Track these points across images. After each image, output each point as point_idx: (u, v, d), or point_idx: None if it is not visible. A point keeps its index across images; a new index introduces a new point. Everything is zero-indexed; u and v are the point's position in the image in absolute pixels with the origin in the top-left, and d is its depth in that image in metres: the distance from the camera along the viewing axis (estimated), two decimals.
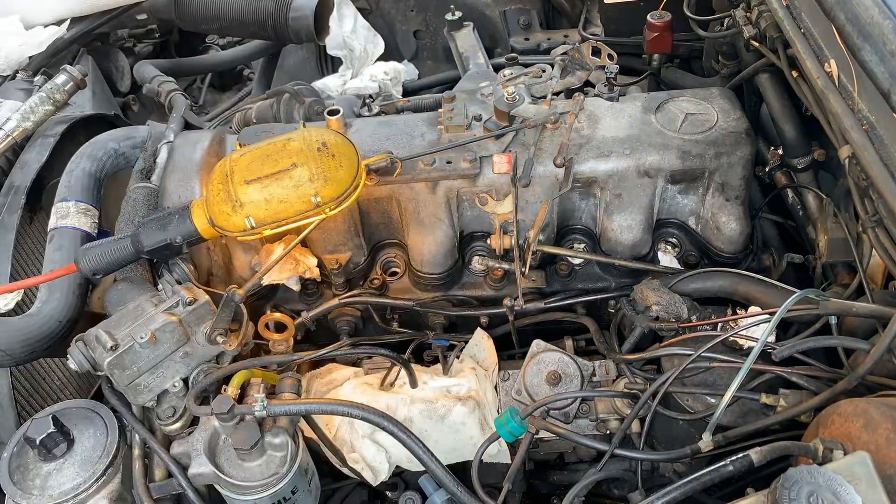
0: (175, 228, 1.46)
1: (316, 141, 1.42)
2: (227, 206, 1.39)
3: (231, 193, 1.38)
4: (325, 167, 1.39)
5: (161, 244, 1.46)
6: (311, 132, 1.46)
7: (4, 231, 1.72)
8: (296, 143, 1.42)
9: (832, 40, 1.39)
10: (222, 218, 1.41)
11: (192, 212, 1.46)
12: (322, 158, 1.40)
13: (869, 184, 1.29)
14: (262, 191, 1.38)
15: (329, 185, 1.39)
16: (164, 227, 1.46)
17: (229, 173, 1.40)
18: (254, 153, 1.42)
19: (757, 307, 1.49)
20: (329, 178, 1.39)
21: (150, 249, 1.47)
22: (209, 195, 1.43)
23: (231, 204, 1.39)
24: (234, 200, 1.38)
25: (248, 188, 1.38)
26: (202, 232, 1.45)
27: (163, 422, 1.45)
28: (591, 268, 1.79)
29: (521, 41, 2.52)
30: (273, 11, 2.56)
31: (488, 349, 1.68)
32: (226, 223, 1.41)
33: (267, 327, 1.61)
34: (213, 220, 1.43)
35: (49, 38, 2.19)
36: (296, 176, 1.38)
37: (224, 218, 1.41)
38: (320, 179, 1.38)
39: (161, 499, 1.41)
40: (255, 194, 1.38)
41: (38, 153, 1.88)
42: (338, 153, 1.42)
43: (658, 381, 1.40)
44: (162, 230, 1.46)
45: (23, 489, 1.31)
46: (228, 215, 1.40)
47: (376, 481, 1.56)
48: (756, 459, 1.10)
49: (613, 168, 1.63)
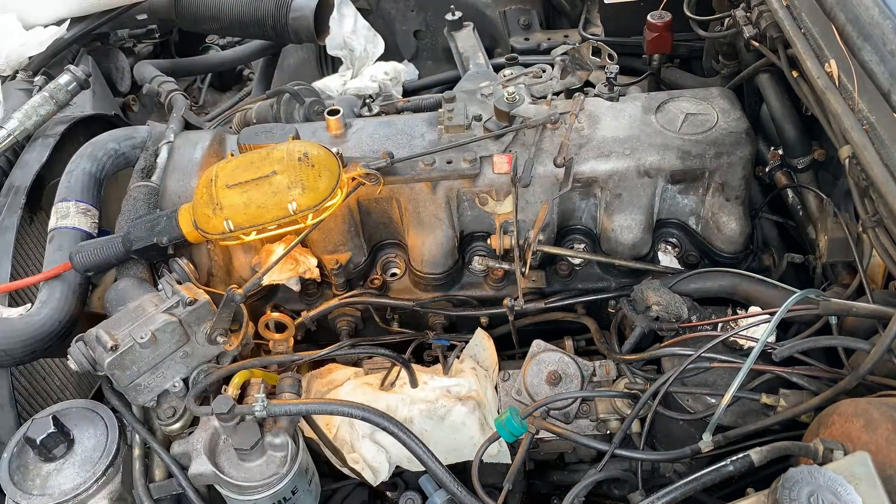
0: (162, 230, 1.51)
1: (298, 151, 1.47)
2: (208, 208, 1.43)
3: (213, 196, 1.43)
4: (303, 176, 1.43)
5: (148, 244, 1.51)
6: (295, 143, 1.52)
7: (4, 231, 1.72)
8: (278, 152, 1.47)
9: (832, 40, 1.39)
10: (203, 220, 1.45)
11: (178, 215, 1.50)
12: (302, 168, 1.44)
13: (869, 184, 1.29)
14: (242, 195, 1.42)
15: (306, 194, 1.43)
16: (152, 229, 1.51)
17: (214, 178, 1.45)
18: (239, 160, 1.48)
19: (757, 307, 1.49)
20: (307, 186, 1.43)
21: (137, 249, 1.51)
22: (194, 199, 1.48)
23: (212, 207, 1.43)
24: (215, 203, 1.42)
25: (229, 192, 1.42)
26: (187, 235, 1.50)
27: (163, 422, 1.45)
28: (591, 268, 1.78)
29: (521, 41, 2.52)
30: (273, 11, 2.56)
31: (488, 349, 1.68)
32: (206, 225, 1.45)
33: (267, 327, 1.61)
34: (196, 222, 1.47)
35: (49, 38, 2.19)
36: (275, 183, 1.42)
37: (205, 220, 1.45)
38: (298, 187, 1.42)
39: (161, 499, 1.42)
40: (235, 198, 1.42)
41: (38, 153, 1.87)
42: (318, 164, 1.46)
43: (658, 381, 1.40)
44: (150, 231, 1.51)
45: (23, 489, 1.31)
46: (209, 218, 1.44)
47: (376, 481, 1.56)
48: (756, 459, 1.10)
49: (613, 168, 1.63)
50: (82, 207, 1.67)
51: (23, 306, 1.57)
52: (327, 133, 1.76)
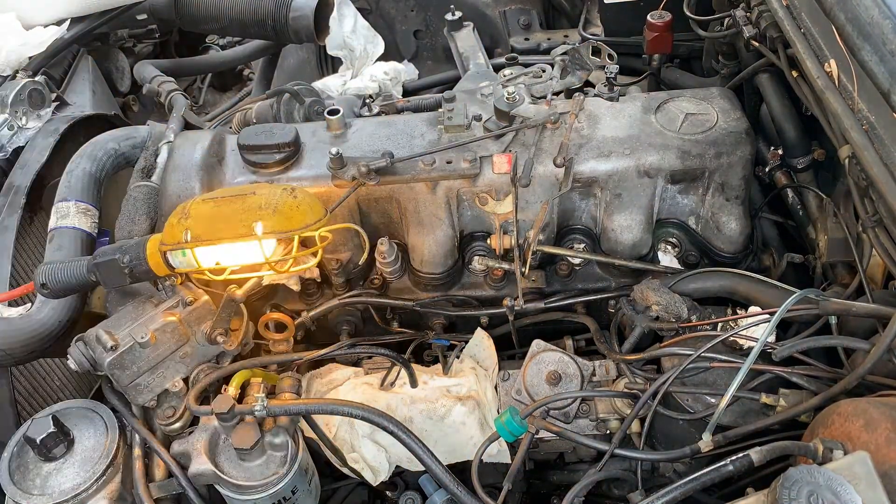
0: (126, 248, 1.41)
1: (288, 186, 1.44)
2: (175, 217, 1.38)
3: (185, 207, 1.39)
4: (280, 201, 1.36)
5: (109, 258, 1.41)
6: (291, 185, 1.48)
7: (4, 231, 1.72)
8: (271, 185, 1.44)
9: (832, 40, 1.39)
10: (167, 229, 1.38)
11: (149, 238, 1.42)
12: (282, 195, 1.38)
13: (869, 184, 1.29)
14: (213, 208, 1.37)
15: (275, 217, 1.34)
16: (119, 247, 1.43)
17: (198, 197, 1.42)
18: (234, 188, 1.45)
19: (757, 307, 1.49)
20: (279, 210, 1.35)
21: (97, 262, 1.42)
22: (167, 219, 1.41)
23: (180, 215, 1.38)
24: (184, 212, 1.37)
25: (202, 204, 1.39)
26: (149, 256, 1.39)
27: (163, 422, 1.45)
28: (591, 268, 1.78)
29: (521, 41, 2.52)
30: (273, 11, 2.56)
31: (488, 349, 1.68)
32: (168, 235, 1.38)
33: (267, 327, 1.61)
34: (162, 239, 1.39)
35: (49, 38, 2.19)
36: (248, 200, 1.37)
37: (168, 229, 1.38)
38: (269, 209, 1.35)
39: (161, 499, 1.42)
40: (204, 209, 1.37)
41: (38, 153, 1.88)
42: (301, 199, 1.39)
43: (658, 381, 1.40)
44: (116, 249, 1.42)
45: (23, 489, 1.31)
46: (172, 226, 1.37)
47: (376, 481, 1.56)
48: (756, 459, 1.10)
49: (613, 168, 1.63)
50: (82, 207, 1.67)
51: (23, 306, 1.57)
52: (327, 133, 1.76)
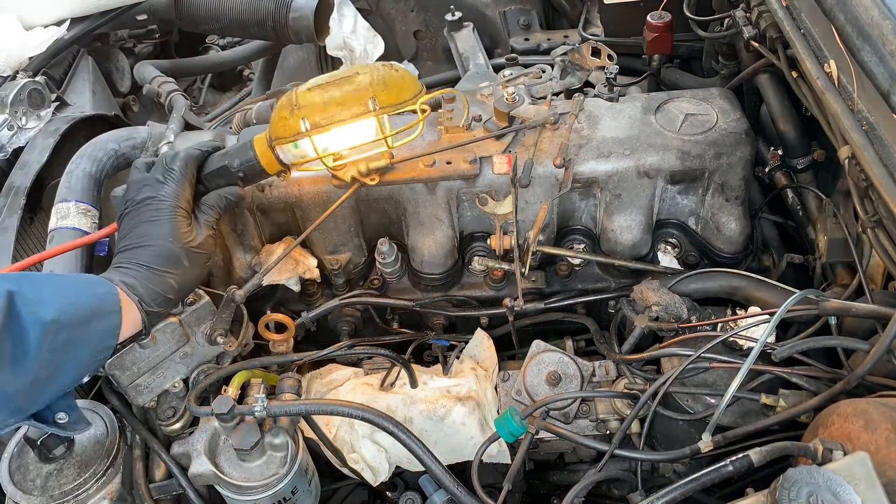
0: (234, 153, 1.45)
1: (385, 62, 1.47)
2: (286, 111, 1.39)
3: (292, 100, 1.40)
4: (386, 75, 1.41)
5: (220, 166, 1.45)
6: None
7: (4, 231, 1.72)
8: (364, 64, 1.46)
9: (832, 41, 1.39)
10: (280, 124, 1.41)
11: (254, 139, 1.46)
12: (385, 69, 1.42)
13: (869, 184, 1.29)
14: (322, 94, 1.39)
15: (388, 91, 1.39)
16: (224, 154, 1.46)
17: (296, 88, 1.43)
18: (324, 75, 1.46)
19: (757, 307, 1.49)
20: (389, 84, 1.40)
21: (207, 173, 1.45)
22: (273, 116, 1.44)
23: (290, 108, 1.39)
24: (294, 104, 1.39)
25: (309, 93, 1.40)
26: (260, 156, 1.44)
27: (163, 422, 1.45)
28: (591, 268, 1.78)
29: (521, 41, 2.52)
30: (273, 11, 2.56)
31: (488, 349, 1.68)
32: (282, 129, 1.40)
33: (267, 328, 1.61)
34: (271, 136, 1.43)
35: (49, 38, 2.18)
36: (356, 81, 1.39)
37: (281, 124, 1.40)
38: (380, 84, 1.39)
39: (161, 499, 1.42)
40: (315, 97, 1.39)
41: (38, 154, 1.87)
42: (402, 72, 1.45)
43: (658, 382, 1.40)
44: (222, 156, 1.46)
45: (23, 489, 1.31)
46: (286, 119, 1.39)
47: (376, 481, 1.56)
48: (756, 460, 1.10)
49: (613, 168, 1.63)
50: (82, 208, 1.67)
51: None
52: None
